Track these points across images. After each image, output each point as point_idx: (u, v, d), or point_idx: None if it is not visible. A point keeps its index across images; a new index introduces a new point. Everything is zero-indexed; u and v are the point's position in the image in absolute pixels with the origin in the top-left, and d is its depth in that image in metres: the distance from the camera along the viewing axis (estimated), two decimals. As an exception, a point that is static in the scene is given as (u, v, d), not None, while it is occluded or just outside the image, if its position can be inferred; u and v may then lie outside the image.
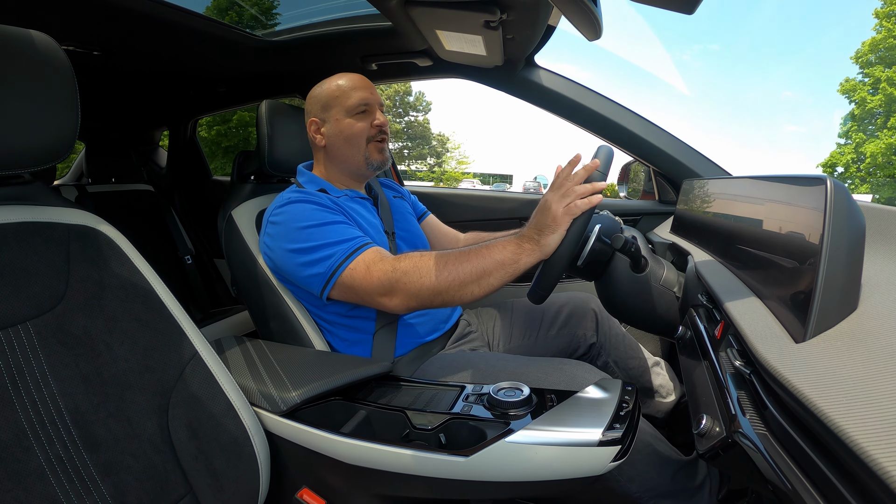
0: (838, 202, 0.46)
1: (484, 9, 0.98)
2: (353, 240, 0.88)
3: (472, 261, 0.81)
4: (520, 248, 0.80)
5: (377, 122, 1.02)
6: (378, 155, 1.03)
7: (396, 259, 0.84)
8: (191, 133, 2.32)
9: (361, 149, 1.02)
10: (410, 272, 0.81)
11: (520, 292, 1.59)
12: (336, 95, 1.01)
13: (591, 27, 0.78)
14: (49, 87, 0.59)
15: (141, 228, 2.03)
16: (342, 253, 0.86)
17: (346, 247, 0.86)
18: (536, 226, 0.80)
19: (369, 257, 0.86)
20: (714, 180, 1.03)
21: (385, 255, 0.86)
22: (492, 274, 0.80)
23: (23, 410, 0.55)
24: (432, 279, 0.80)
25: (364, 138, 1.01)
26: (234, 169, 1.28)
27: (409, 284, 0.81)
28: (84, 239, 0.65)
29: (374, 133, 1.02)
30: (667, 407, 1.10)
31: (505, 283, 0.82)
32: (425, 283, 0.81)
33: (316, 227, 0.89)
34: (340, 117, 1.01)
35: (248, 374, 0.77)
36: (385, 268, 0.83)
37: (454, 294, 0.81)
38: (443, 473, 0.62)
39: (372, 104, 1.02)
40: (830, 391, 0.35)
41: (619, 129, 1.41)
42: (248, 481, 0.69)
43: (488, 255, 0.81)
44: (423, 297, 0.82)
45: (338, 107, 1.01)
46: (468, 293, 0.81)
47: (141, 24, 1.24)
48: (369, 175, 1.08)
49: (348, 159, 1.03)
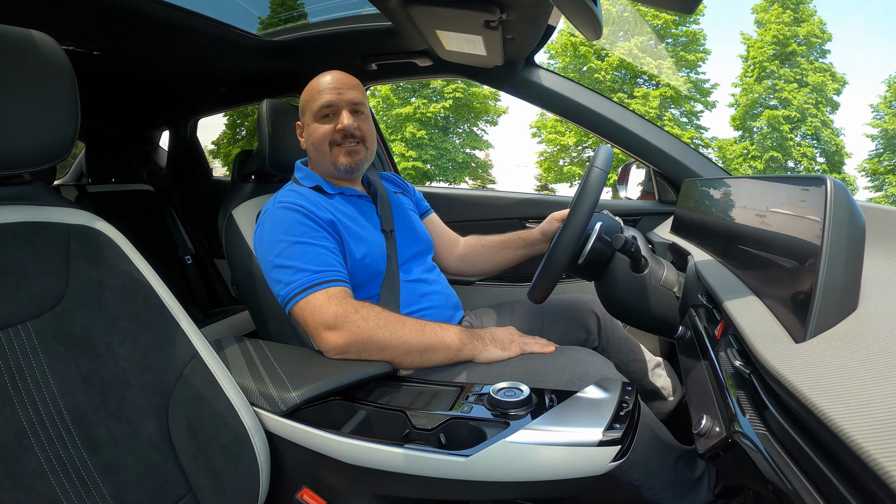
0: (838, 202, 0.46)
1: (484, 8, 0.98)
2: (319, 273, 0.85)
3: (426, 335, 0.83)
4: (470, 342, 0.85)
5: (339, 126, 0.99)
6: (345, 159, 1.01)
7: (360, 304, 0.84)
8: (191, 133, 2.32)
9: (327, 153, 1.01)
10: (368, 318, 0.81)
11: (520, 293, 1.59)
12: (307, 100, 1.02)
13: (591, 27, 0.78)
14: (49, 87, 0.59)
15: (141, 228, 2.03)
16: (301, 284, 0.84)
17: (307, 278, 0.85)
18: (493, 336, 0.87)
19: (332, 292, 0.84)
20: (714, 180, 1.03)
21: (348, 296, 0.85)
22: (436, 353, 0.83)
23: (23, 410, 0.55)
24: (384, 333, 0.81)
25: (327, 143, 1.00)
26: (234, 168, 1.28)
27: (360, 329, 0.80)
28: (84, 239, 0.65)
29: (337, 137, 1.00)
30: (668, 408, 1.10)
31: (443, 364, 0.85)
32: (376, 335, 0.80)
33: (291, 244, 0.88)
34: (310, 122, 1.01)
35: (248, 374, 0.77)
36: (343, 306, 0.82)
37: (395, 356, 0.82)
38: (443, 473, 0.62)
39: (337, 106, 0.99)
40: (830, 391, 0.35)
41: (619, 129, 1.41)
42: (248, 481, 0.69)
43: (441, 335, 0.84)
44: (366, 345, 0.81)
45: (308, 111, 1.01)
46: (408, 361, 0.83)
47: (141, 24, 1.24)
48: (347, 177, 1.06)
49: (320, 163, 1.03)
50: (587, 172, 0.86)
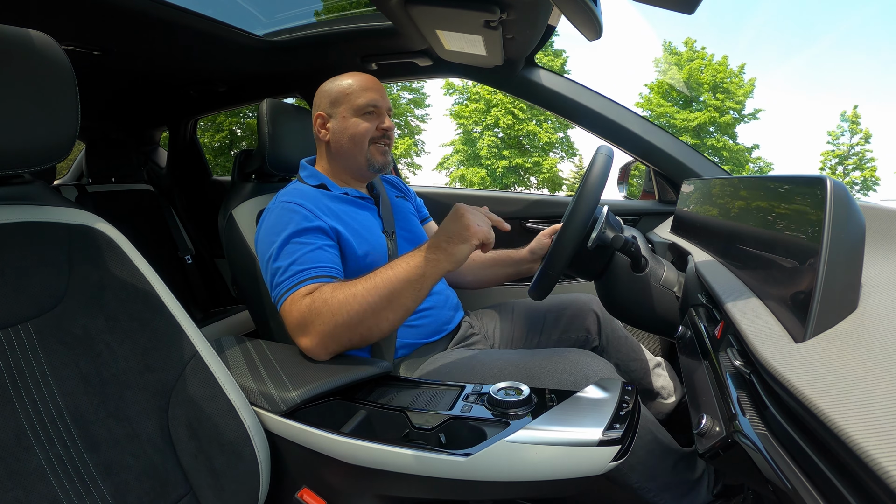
0: (838, 202, 0.46)
1: (484, 8, 0.98)
2: (302, 272, 0.83)
3: (378, 285, 0.76)
4: (425, 259, 0.75)
5: (384, 126, 1.02)
6: (380, 157, 1.03)
7: (317, 295, 0.78)
8: (191, 133, 2.32)
9: (364, 149, 1.02)
10: (322, 311, 0.76)
11: (520, 292, 1.59)
12: (347, 93, 1.01)
13: (591, 27, 0.78)
14: (49, 87, 0.59)
15: (141, 228, 2.03)
16: (286, 285, 0.83)
17: (290, 280, 0.83)
18: (446, 233, 0.75)
19: (304, 290, 0.80)
20: (714, 180, 1.03)
21: (312, 290, 0.80)
22: (402, 294, 0.75)
23: (23, 410, 0.55)
24: (343, 314, 0.75)
25: (367, 139, 1.01)
26: (234, 168, 1.28)
27: (322, 324, 0.76)
28: (84, 239, 0.65)
29: (378, 135, 1.02)
30: (668, 408, 1.10)
31: (418, 302, 0.77)
32: (338, 320, 0.75)
33: (283, 243, 0.87)
34: (348, 115, 1.01)
35: (248, 374, 0.77)
36: (304, 304, 0.77)
37: (370, 325, 0.76)
38: (443, 473, 0.62)
39: (381, 107, 1.02)
40: (830, 391, 0.35)
41: (619, 129, 1.41)
42: (248, 481, 0.69)
43: (393, 275, 0.76)
44: (339, 335, 0.76)
45: (346, 104, 1.01)
46: (385, 321, 0.76)
47: (141, 24, 1.24)
48: (370, 176, 1.08)
49: (350, 158, 1.03)
50: (588, 170, 0.86)
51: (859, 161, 17.88)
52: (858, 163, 17.90)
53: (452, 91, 18.35)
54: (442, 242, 0.76)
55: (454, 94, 18.42)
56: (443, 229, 0.77)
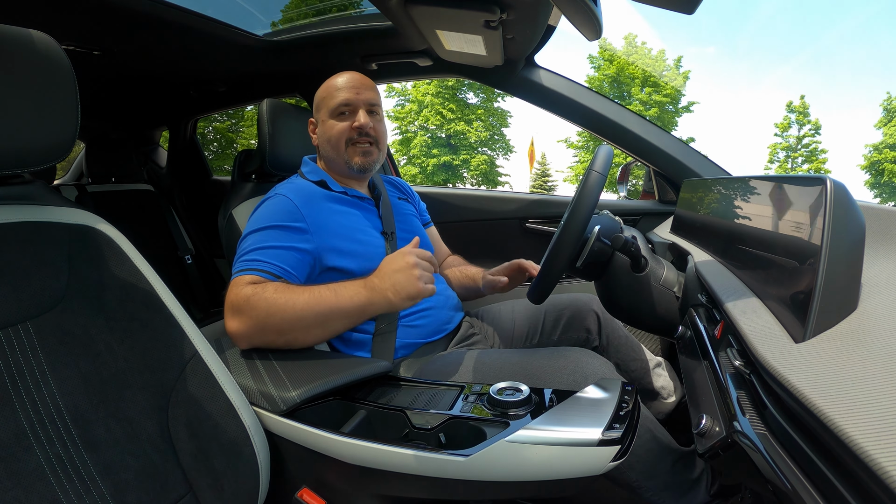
0: (838, 202, 0.46)
1: (484, 8, 0.98)
2: (259, 262, 0.84)
3: (318, 304, 0.78)
4: (368, 300, 0.80)
5: (356, 124, 0.99)
6: (358, 158, 1.01)
7: (263, 287, 0.80)
8: (191, 133, 2.32)
9: (341, 152, 1.01)
10: (258, 306, 0.77)
11: (520, 292, 1.58)
12: (323, 96, 1.02)
13: (591, 27, 0.78)
14: (49, 87, 0.59)
15: (141, 228, 2.03)
16: (242, 266, 0.84)
17: (247, 263, 0.84)
18: (394, 286, 0.79)
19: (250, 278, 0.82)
20: (714, 180, 1.03)
21: (259, 281, 0.82)
22: (337, 321, 0.81)
23: (23, 410, 0.55)
24: (276, 317, 0.77)
25: (343, 140, 1.00)
26: (234, 168, 1.29)
27: (254, 318, 0.77)
28: (84, 238, 0.65)
29: (352, 135, 1.00)
30: (668, 408, 1.10)
31: (348, 328, 0.83)
32: (269, 322, 0.77)
33: (262, 229, 0.89)
34: (325, 118, 1.02)
35: (248, 374, 0.77)
36: (246, 292, 0.79)
37: (297, 336, 0.80)
38: (443, 473, 0.62)
39: (355, 104, 1.00)
40: (830, 391, 0.35)
41: (619, 129, 1.41)
42: (248, 481, 0.69)
43: (335, 301, 0.79)
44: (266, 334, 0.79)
45: (325, 107, 1.02)
46: (312, 336, 0.81)
47: (141, 24, 1.24)
48: (359, 177, 1.06)
49: (333, 161, 1.03)
50: (587, 173, 0.86)
51: (809, 153, 17.53)
52: (808, 155, 17.55)
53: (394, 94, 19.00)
54: (389, 292, 0.80)
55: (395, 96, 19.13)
56: (391, 279, 0.80)
